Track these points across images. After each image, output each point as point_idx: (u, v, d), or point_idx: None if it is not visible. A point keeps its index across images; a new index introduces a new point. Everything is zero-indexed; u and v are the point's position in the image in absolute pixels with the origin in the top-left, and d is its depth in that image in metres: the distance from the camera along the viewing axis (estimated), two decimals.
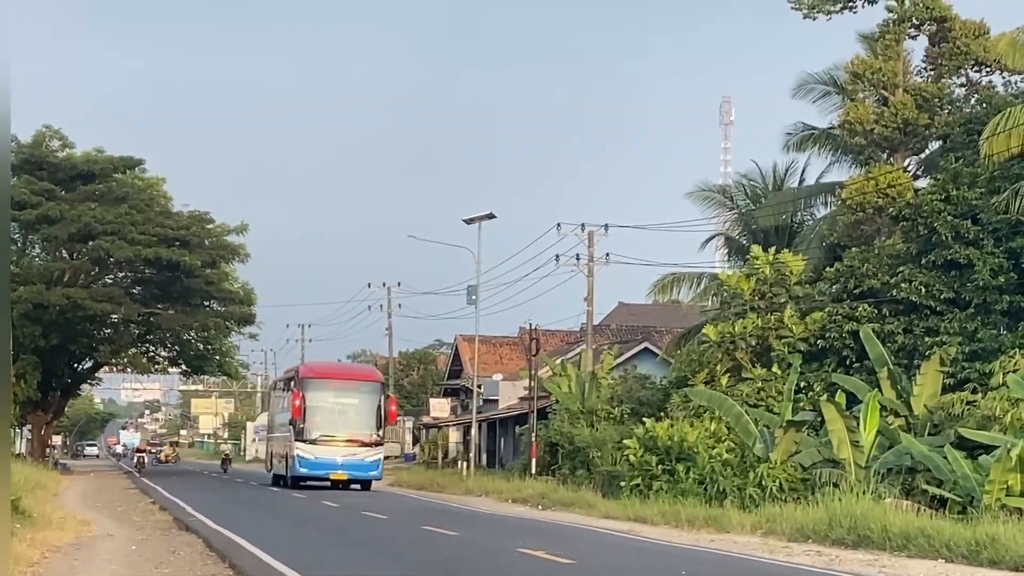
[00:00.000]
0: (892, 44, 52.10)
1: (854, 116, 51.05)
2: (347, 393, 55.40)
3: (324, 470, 53.07)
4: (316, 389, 54.33)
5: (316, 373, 57.01)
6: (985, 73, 52.64)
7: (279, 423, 59.73)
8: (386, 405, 55.39)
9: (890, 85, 51.76)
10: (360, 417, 54.47)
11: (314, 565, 20.83)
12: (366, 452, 53.82)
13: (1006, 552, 23.97)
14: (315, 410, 53.62)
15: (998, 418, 35.16)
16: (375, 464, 54.39)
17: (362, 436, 53.93)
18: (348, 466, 53.16)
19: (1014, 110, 42.74)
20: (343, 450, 53.22)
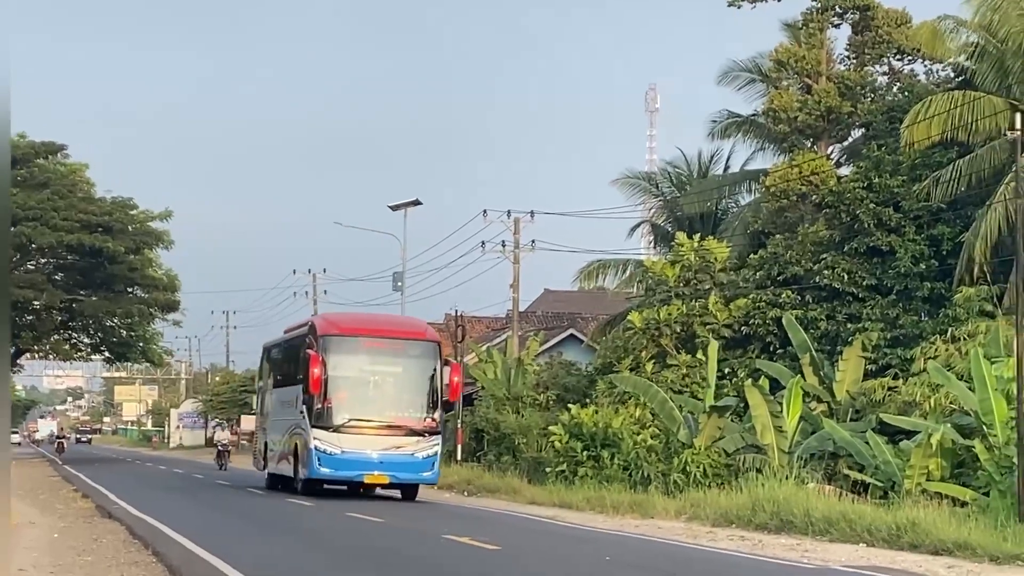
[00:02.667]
0: (816, 32, 52.49)
1: (778, 104, 51.36)
2: (388, 357, 37.84)
3: (355, 470, 36.10)
4: (343, 351, 37.06)
5: (343, 328, 38.23)
6: (907, 61, 53.20)
7: (279, 403, 42.30)
8: (447, 375, 37.46)
9: (814, 73, 52.13)
10: (408, 392, 37.48)
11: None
12: (416, 444, 36.31)
13: (926, 536, 24.24)
14: (341, 383, 36.56)
15: (919, 404, 35.52)
16: (429, 462, 36.54)
17: (410, 420, 36.69)
18: (390, 464, 36.17)
19: (935, 98, 43.16)
20: (383, 441, 36.31)
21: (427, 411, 37.02)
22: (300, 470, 37.50)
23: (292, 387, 39.24)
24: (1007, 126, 35.61)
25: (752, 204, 55.25)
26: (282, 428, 40.50)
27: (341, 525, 27.64)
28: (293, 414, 38.50)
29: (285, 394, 41.13)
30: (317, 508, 32.71)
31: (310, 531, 26.15)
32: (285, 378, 41.90)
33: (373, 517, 28.94)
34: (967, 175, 42.30)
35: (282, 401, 41.52)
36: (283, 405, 41.12)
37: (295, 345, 40.72)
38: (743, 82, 56.02)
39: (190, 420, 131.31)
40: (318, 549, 22.33)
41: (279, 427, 41.24)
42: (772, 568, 20.72)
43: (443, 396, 37.38)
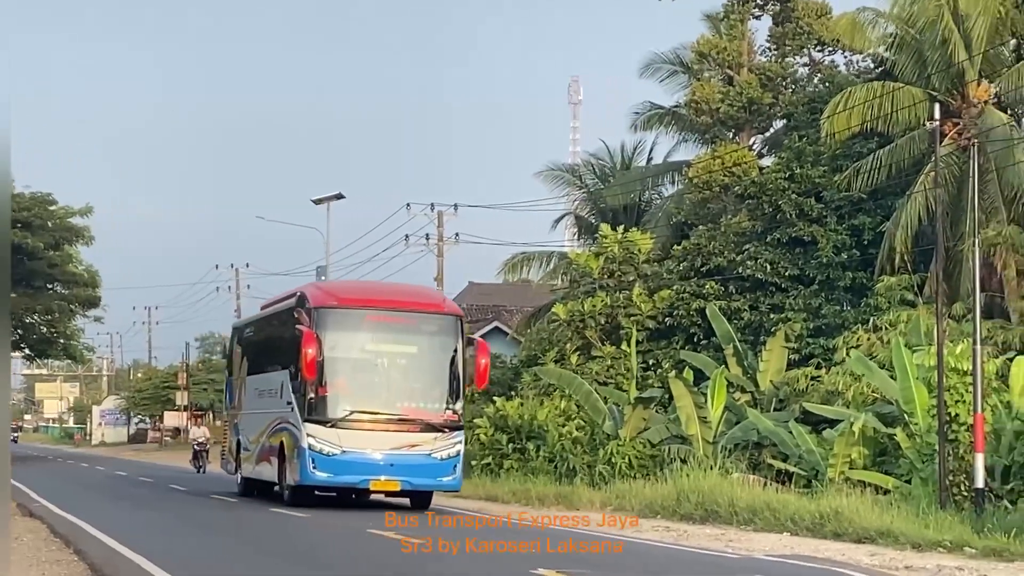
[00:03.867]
0: (737, 24, 52.82)
1: (700, 95, 51.63)
2: (399, 334, 30.89)
3: (358, 475, 29.48)
4: (342, 328, 30.24)
5: (342, 299, 31.24)
6: (827, 52, 53.59)
7: (256, 393, 35.37)
8: (471, 355, 30.52)
9: (735, 65, 52.45)
10: (423, 378, 30.66)
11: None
12: (434, 442, 29.62)
13: (849, 524, 24.47)
14: (341, 366, 29.87)
15: (841, 393, 35.81)
16: (450, 464, 29.85)
17: (427, 413, 29.85)
18: (403, 467, 29.43)
19: (854, 89, 43.50)
20: (393, 438, 29.52)
21: (447, 401, 29.92)
22: (288, 474, 30.57)
23: (274, 373, 32.88)
24: (926, 116, 35.96)
25: (675, 195, 55.51)
26: (260, 423, 33.76)
27: (266, 521, 27.36)
28: (276, 406, 31.98)
29: (264, 382, 34.37)
30: (239, 504, 32.40)
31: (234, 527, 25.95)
32: (264, 363, 34.95)
33: (299, 514, 28.63)
34: (887, 165, 42.66)
35: (260, 391, 34.76)
36: (261, 396, 34.45)
37: (278, 322, 33.84)
38: (665, 74, 56.21)
39: (112, 417, 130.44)
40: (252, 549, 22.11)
41: (256, 422, 34.44)
42: (696, 558, 20.82)
43: (466, 382, 30.63)
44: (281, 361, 32.26)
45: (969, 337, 28.71)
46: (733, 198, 48.62)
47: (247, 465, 35.31)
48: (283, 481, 31.18)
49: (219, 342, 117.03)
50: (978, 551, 21.70)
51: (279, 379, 32.12)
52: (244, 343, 38.60)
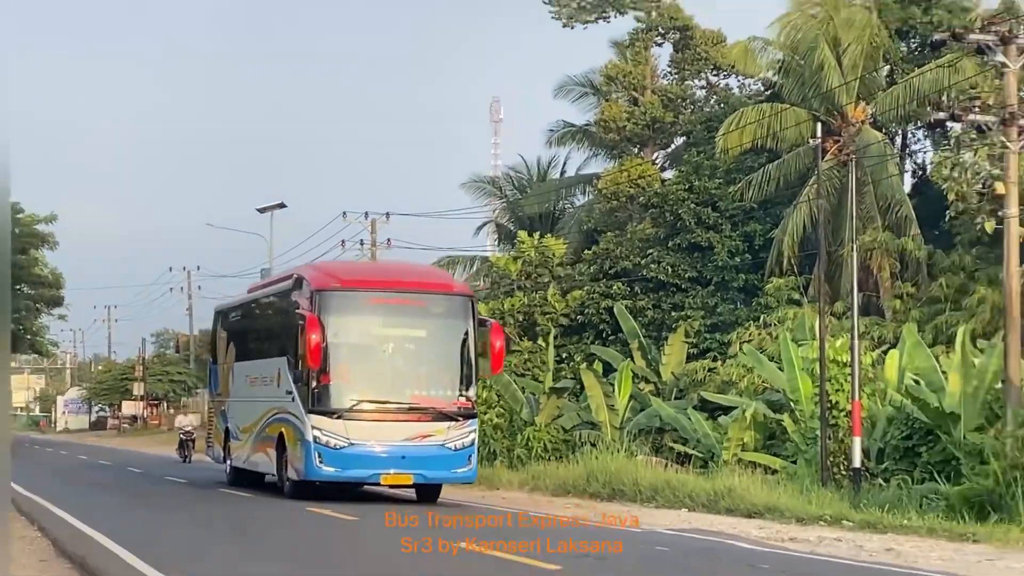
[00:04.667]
0: (641, 50, 53.01)
1: (608, 115, 51.78)
2: (407, 317, 26.63)
3: (368, 468, 25.40)
4: (347, 311, 25.92)
5: (346, 281, 26.67)
6: (722, 76, 53.83)
7: (246, 380, 30.99)
8: (485, 339, 26.29)
9: (640, 87, 52.62)
10: (434, 363, 26.50)
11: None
12: (447, 431, 25.50)
13: (741, 501, 24.62)
14: (346, 353, 25.66)
15: (735, 383, 36.09)
16: (464, 454, 25.75)
17: (439, 400, 25.76)
18: (415, 459, 25.29)
19: (747, 110, 43.87)
20: (405, 428, 25.47)
21: (460, 388, 25.82)
22: (290, 468, 26.35)
23: (268, 360, 28.66)
24: (810, 134, 36.25)
25: (586, 205, 55.66)
26: (253, 412, 29.38)
27: (213, 499, 26.95)
28: (273, 395, 27.76)
29: (256, 369, 29.99)
30: (190, 484, 31.85)
31: (185, 505, 25.54)
32: (256, 349, 30.64)
33: (243, 493, 28.12)
34: (776, 178, 43.08)
35: (252, 378, 30.39)
36: (253, 383, 30.12)
37: (273, 306, 29.53)
38: (577, 95, 56.33)
39: (75, 406, 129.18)
40: (201, 525, 21.88)
41: (247, 411, 30.06)
42: (603, 532, 20.86)
43: (479, 367, 26.54)
44: (277, 347, 27.91)
45: (848, 332, 28.98)
46: (638, 207, 48.80)
47: (238, 455, 30.82)
48: (283, 474, 26.73)
49: (172, 338, 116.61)
50: (855, 524, 21.90)
51: (275, 366, 27.73)
52: (231, 328, 33.58)
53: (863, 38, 41.67)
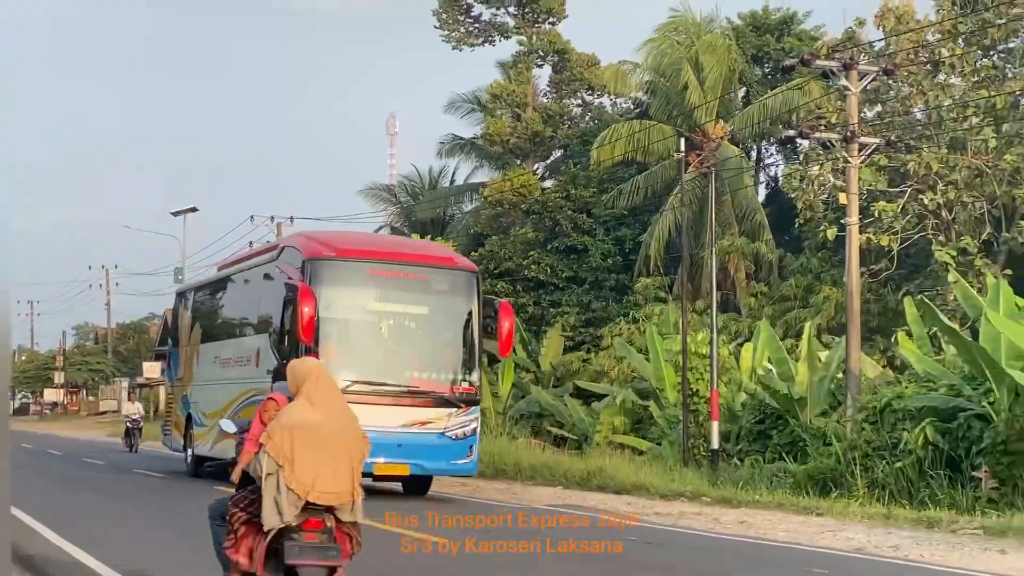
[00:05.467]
0: (523, 71, 53.08)
1: (493, 129, 51.79)
2: (407, 292, 22.33)
3: None
4: (342, 283, 21.82)
5: (341, 251, 22.30)
6: (596, 96, 54.09)
7: (215, 362, 26.79)
8: (491, 318, 22.48)
9: (522, 104, 52.69)
10: (435, 344, 22.37)
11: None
12: (448, 418, 21.70)
13: (611, 479, 24.76)
14: (340, 329, 21.65)
15: (607, 372, 36.28)
16: (465, 444, 21.90)
17: (439, 385, 21.88)
18: (413, 448, 21.40)
19: (618, 126, 44.12)
20: (402, 414, 21.53)
21: (462, 372, 21.92)
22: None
23: (245, 339, 24.64)
24: (674, 149, 36.57)
25: (473, 211, 55.60)
26: (224, 396, 24.93)
27: (135, 482, 26.34)
28: (251, 376, 23.41)
29: (229, 349, 25.65)
30: (107, 465, 31.03)
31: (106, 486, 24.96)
32: (229, 328, 26.26)
33: (157, 474, 27.51)
34: (644, 188, 43.39)
35: (223, 359, 26.05)
36: (225, 365, 25.84)
37: (252, 281, 25.02)
38: (465, 111, 56.28)
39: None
40: (123, 501, 21.30)
41: (218, 395, 25.51)
42: (486, 506, 20.86)
43: (483, 349, 23.06)
44: (256, 325, 23.88)
45: (708, 327, 29.27)
46: (520, 213, 48.89)
47: (202, 442, 26.36)
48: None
49: (91, 331, 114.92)
50: (712, 499, 22.11)
51: (253, 345, 23.62)
52: (197, 308, 29.06)
53: (723, 63, 42.13)
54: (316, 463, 8.16)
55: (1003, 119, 34.17)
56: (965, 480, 20.00)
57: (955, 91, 35.07)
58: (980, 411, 20.35)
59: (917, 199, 34.05)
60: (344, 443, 8.43)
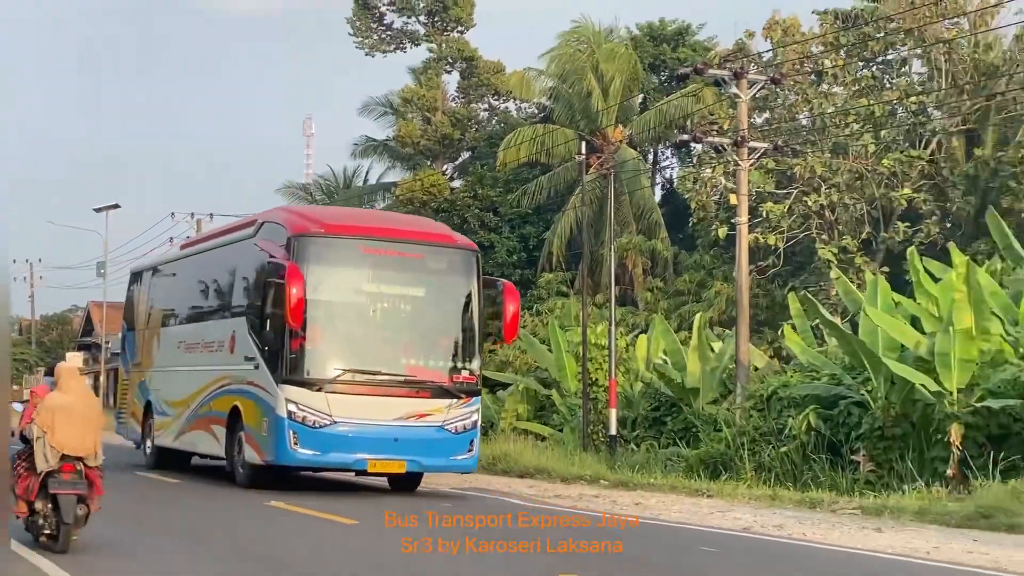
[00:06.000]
0: (433, 77, 52.91)
1: (405, 132, 51.56)
2: (402, 273, 19.44)
3: (354, 451, 18.47)
4: (332, 262, 19.17)
5: (331, 226, 19.45)
6: (503, 100, 54.08)
7: (179, 347, 23.66)
8: (494, 301, 20.70)
9: (432, 108, 52.52)
10: (433, 329, 19.74)
11: None
12: (447, 410, 18.96)
13: (515, 463, 24.79)
14: (330, 312, 18.97)
15: (511, 363, 36.26)
16: (466, 439, 19.22)
17: (438, 374, 19.21)
18: (409, 442, 18.69)
19: (523, 129, 44.17)
20: (397, 405, 18.72)
21: (462, 359, 19.21)
22: (247, 450, 19.11)
23: (216, 322, 21.49)
24: (576, 151, 36.70)
25: (385, 209, 55.34)
26: (191, 384, 21.87)
27: None
28: (224, 362, 20.51)
29: (197, 333, 22.47)
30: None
31: None
32: (197, 310, 22.99)
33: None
34: (548, 188, 43.51)
35: (189, 344, 22.83)
36: (191, 350, 22.63)
37: (226, 259, 21.70)
38: (378, 114, 55.90)
39: None
40: None
41: (182, 382, 22.45)
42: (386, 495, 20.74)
43: (483, 335, 20.92)
44: (231, 307, 21.03)
45: (607, 320, 29.38)
46: (430, 212, 48.72)
47: (164, 433, 23.30)
48: (237, 457, 19.47)
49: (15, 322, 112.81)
50: (610, 482, 22.20)
51: (227, 329, 20.63)
52: (157, 289, 25.59)
53: (622, 70, 42.35)
54: (69, 429, 11.95)
55: (881, 126, 34.72)
56: (845, 463, 20.29)
57: (837, 99, 35.57)
58: (859, 399, 20.65)
59: (802, 200, 34.50)
60: (87, 416, 12.16)
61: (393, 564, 11.97)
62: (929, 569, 12.23)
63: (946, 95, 35.22)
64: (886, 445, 19.80)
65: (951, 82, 34.86)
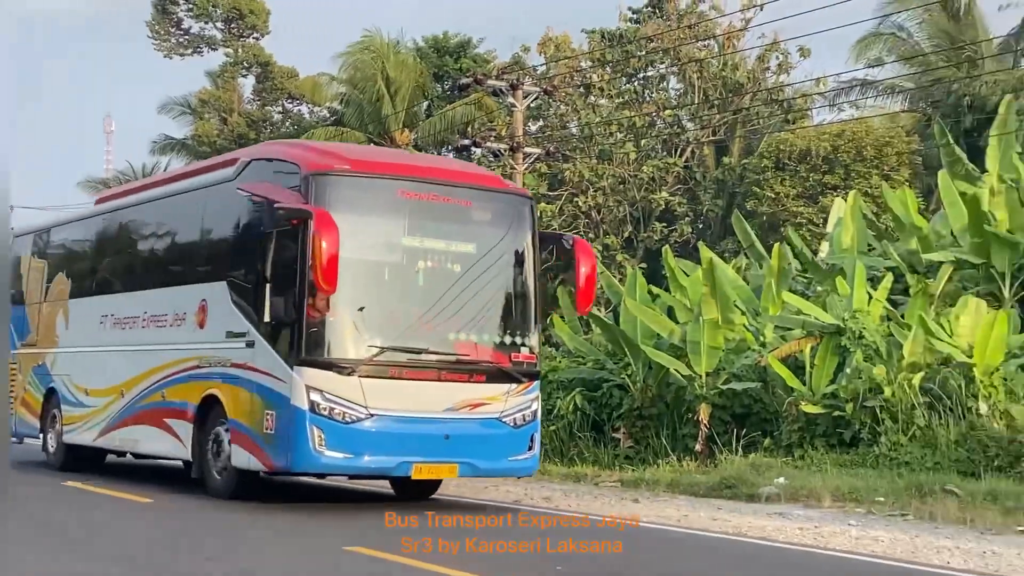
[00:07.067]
0: (230, 80, 51.98)
1: (202, 131, 50.50)
2: (449, 224, 13.66)
3: (395, 453, 12.91)
4: (363, 209, 13.13)
5: (359, 163, 13.48)
6: (296, 104, 53.47)
7: (113, 318, 17.11)
8: (570, 261, 14.57)
9: (228, 109, 51.57)
10: (486, 295, 13.75)
11: None
12: (505, 398, 13.53)
13: None
14: (358, 274, 13.01)
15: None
16: (525, 434, 13.75)
17: (494, 352, 13.66)
18: (462, 440, 13.23)
19: (315, 131, 43.59)
20: (447, 392, 13.17)
21: (521, 334, 14.10)
22: (239, 452, 13.68)
23: (171, 290, 15.79)
24: None
25: None
26: (129, 366, 16.34)
27: None
28: (189, 339, 14.97)
29: (137, 304, 16.57)
30: None
31: None
32: (138, 276, 17.00)
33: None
34: None
35: (120, 318, 16.99)
36: (124, 325, 16.89)
37: (183, 210, 16.09)
38: (177, 113, 54.39)
39: None
40: None
41: (112, 365, 16.87)
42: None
43: (544, 303, 16.83)
44: (197, 270, 15.23)
45: None
46: None
47: (80, 428, 17.61)
48: (213, 461, 14.20)
49: None
50: None
51: (190, 298, 15.01)
52: (62, 253, 19.64)
53: (410, 78, 42.28)
54: None
55: (642, 135, 35.65)
56: (607, 441, 20.74)
57: (603, 110, 36.35)
58: (620, 382, 21.13)
59: (572, 202, 35.15)
60: None
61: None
62: (679, 535, 12.61)
63: (698, 108, 36.39)
64: (643, 424, 20.33)
65: (703, 97, 36.05)
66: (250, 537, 11.67)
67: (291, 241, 12.90)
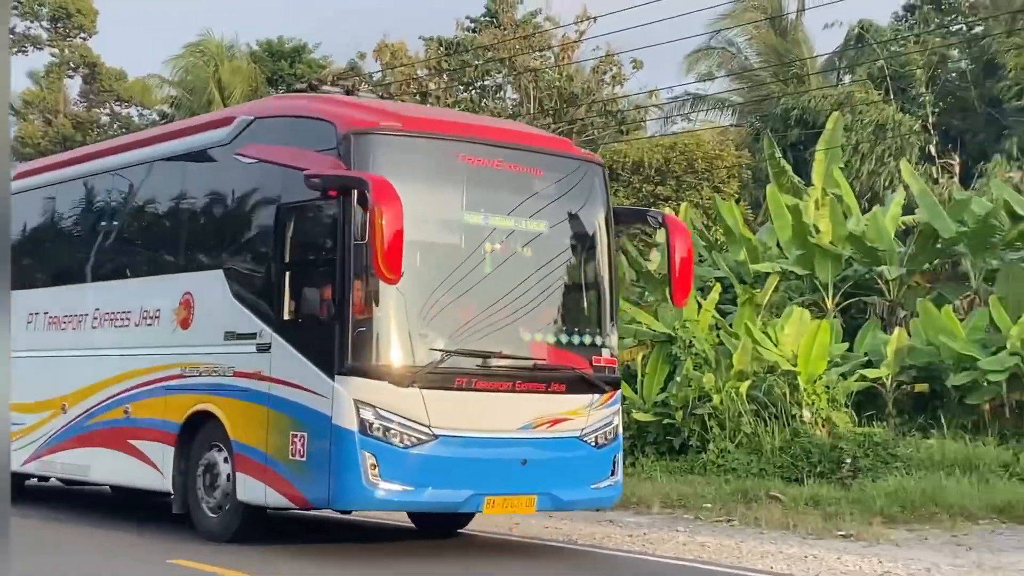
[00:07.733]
0: (56, 81, 50.54)
1: (26, 133, 48.92)
2: (517, 197, 10.49)
3: (465, 485, 9.91)
4: (421, 178, 10.01)
5: (413, 120, 10.27)
6: (126, 106, 52.25)
7: (45, 315, 13.83)
8: (668, 242, 11.15)
9: (54, 111, 50.09)
10: (562, 286, 10.98)
11: None
12: (587, 412, 10.57)
13: None
14: (419, 259, 9.82)
15: None
16: (608, 456, 10.82)
17: (574, 355, 10.67)
18: (541, 466, 10.26)
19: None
20: (523, 407, 10.19)
21: (599, 330, 11.04)
22: (251, 485, 10.38)
23: (140, 281, 12.67)
24: None
25: None
26: (76, 377, 13.14)
27: None
28: (167, 342, 11.78)
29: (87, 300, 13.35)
30: None
31: None
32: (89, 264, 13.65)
33: None
34: None
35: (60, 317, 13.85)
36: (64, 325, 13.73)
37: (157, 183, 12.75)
38: None
39: None
40: None
41: (53, 375, 13.51)
42: None
43: (618, 287, 12.06)
44: (179, 258, 12.28)
45: None
46: None
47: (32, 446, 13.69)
48: (204, 495, 11.04)
49: None
50: None
51: (169, 292, 11.99)
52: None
53: (245, 82, 41.64)
54: None
55: None
56: None
57: None
58: None
59: None
60: None
61: None
62: (513, 543, 12.55)
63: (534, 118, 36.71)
64: None
65: (539, 107, 36.37)
66: None
67: (327, 217, 10.06)
